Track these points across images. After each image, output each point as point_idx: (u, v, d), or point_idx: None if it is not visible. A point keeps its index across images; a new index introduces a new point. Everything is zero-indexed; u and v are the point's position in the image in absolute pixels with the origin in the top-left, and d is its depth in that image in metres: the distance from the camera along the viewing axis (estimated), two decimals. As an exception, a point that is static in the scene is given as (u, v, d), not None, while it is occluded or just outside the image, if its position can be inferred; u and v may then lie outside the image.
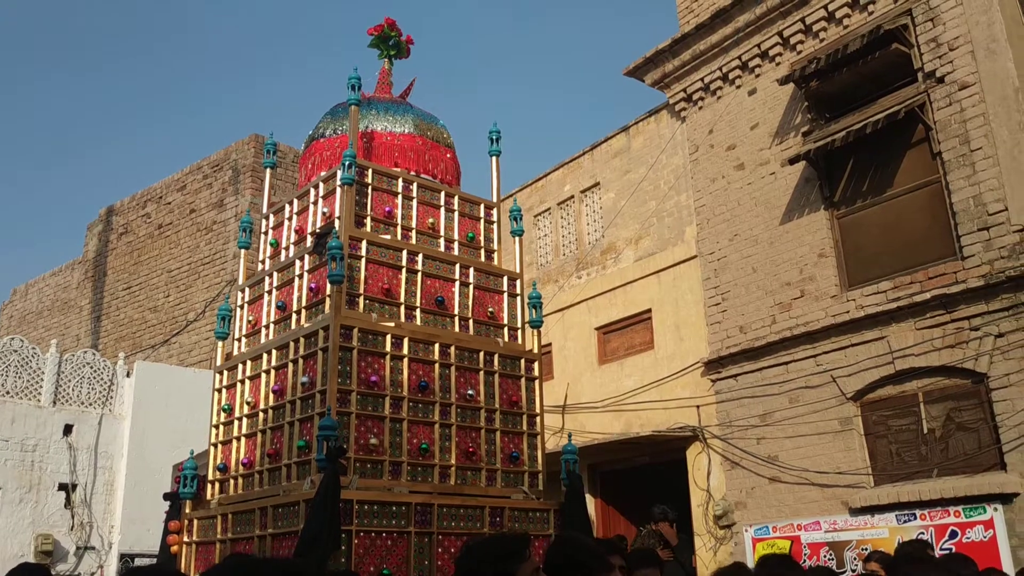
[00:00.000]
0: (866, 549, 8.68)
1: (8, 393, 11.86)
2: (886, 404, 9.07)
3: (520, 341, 6.48)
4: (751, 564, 9.11)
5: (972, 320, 8.41)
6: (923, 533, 8.40)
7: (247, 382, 6.17)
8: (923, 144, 9.19)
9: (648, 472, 11.82)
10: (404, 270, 5.97)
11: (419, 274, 6.05)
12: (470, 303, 6.28)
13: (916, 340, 8.77)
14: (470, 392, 5.94)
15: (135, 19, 52.71)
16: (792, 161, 9.88)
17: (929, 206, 9.11)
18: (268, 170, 7.23)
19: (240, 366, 6.25)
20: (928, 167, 9.14)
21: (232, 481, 6.04)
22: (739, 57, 10.97)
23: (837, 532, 9.09)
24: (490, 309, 6.40)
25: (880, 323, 9.07)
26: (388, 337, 5.64)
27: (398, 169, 6.43)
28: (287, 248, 6.47)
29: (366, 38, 7.16)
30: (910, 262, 9.07)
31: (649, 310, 11.80)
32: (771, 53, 10.68)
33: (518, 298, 6.59)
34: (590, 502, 11.47)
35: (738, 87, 11.09)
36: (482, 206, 6.75)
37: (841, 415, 9.27)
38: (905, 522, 8.57)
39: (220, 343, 6.58)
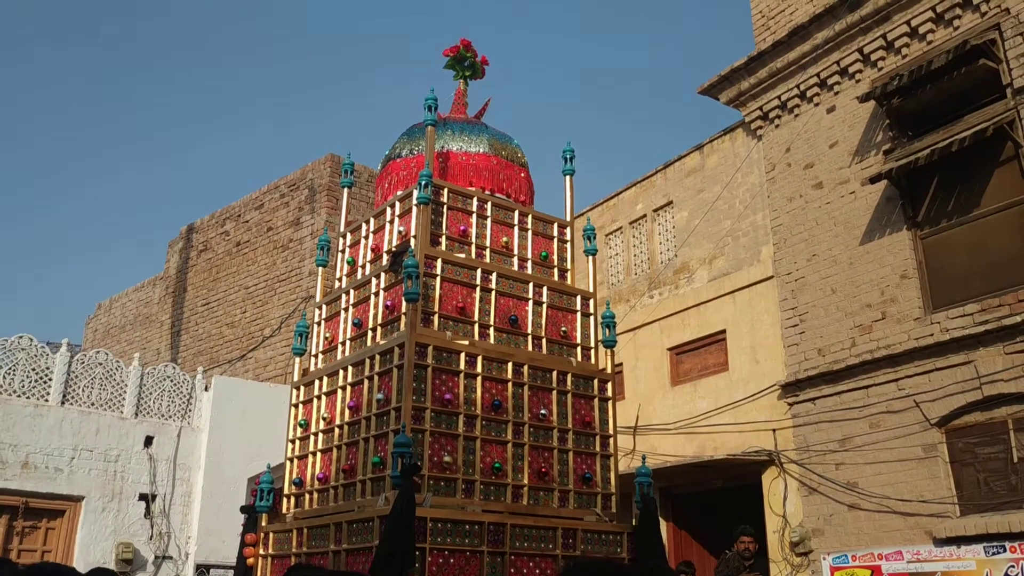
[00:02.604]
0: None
1: (93, 404, 12.25)
2: (973, 431, 8.74)
3: (593, 361, 6.44)
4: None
5: (1066, 345, 8.07)
6: (1013, 567, 8.06)
7: (323, 398, 6.25)
8: (1012, 162, 8.88)
9: (722, 496, 11.59)
10: (478, 288, 5.99)
11: (493, 292, 6.06)
12: (543, 322, 6.27)
13: (1005, 365, 8.44)
14: (543, 411, 5.92)
15: (208, 44, 54.39)
16: (873, 180, 9.64)
17: (1019, 226, 8.79)
18: (346, 189, 7.34)
19: (316, 382, 6.34)
20: (1017, 186, 8.82)
21: (307, 495, 6.12)
22: (817, 74, 10.78)
23: (920, 563, 8.76)
24: (563, 328, 6.37)
25: (967, 347, 8.75)
26: (462, 355, 5.66)
27: (473, 188, 6.47)
28: (363, 266, 6.56)
29: (441, 59, 7.25)
30: (998, 284, 8.75)
31: (723, 331, 11.61)
32: (851, 70, 10.46)
33: (591, 317, 6.55)
34: (662, 526, 11.29)
35: (816, 104, 10.89)
36: (555, 225, 6.75)
37: (925, 441, 8.96)
38: (994, 554, 8.22)
39: (297, 359, 6.68)
